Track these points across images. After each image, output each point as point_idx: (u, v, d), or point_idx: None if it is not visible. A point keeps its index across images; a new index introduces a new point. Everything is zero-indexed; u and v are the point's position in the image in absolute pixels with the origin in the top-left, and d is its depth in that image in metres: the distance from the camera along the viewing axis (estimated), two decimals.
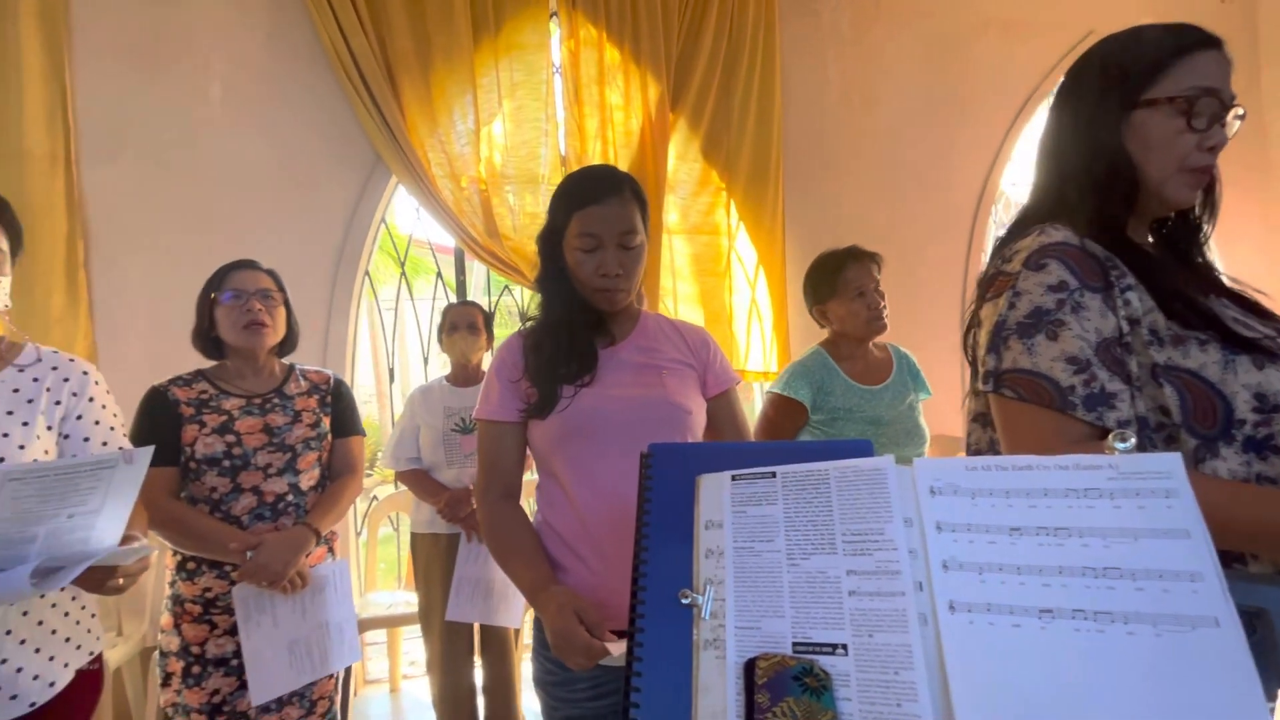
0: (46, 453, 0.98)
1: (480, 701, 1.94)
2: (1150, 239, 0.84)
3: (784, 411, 1.57)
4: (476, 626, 1.92)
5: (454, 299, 2.74)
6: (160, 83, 2.32)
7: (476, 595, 1.79)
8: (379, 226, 2.63)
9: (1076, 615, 0.50)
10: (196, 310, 1.42)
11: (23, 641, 0.91)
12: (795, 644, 0.56)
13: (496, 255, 2.59)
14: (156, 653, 1.37)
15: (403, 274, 2.83)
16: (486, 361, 2.18)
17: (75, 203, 2.20)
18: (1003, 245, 0.83)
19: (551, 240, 1.05)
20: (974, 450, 0.90)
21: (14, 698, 0.89)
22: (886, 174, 3.15)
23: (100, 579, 0.89)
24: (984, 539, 0.56)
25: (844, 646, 0.54)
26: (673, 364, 1.03)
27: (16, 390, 0.98)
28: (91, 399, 1.06)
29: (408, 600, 2.35)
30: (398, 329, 2.84)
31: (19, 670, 0.90)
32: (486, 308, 2.14)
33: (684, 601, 0.62)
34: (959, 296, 3.28)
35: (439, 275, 2.86)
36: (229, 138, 2.38)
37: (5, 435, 0.93)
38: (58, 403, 1.02)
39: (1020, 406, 0.71)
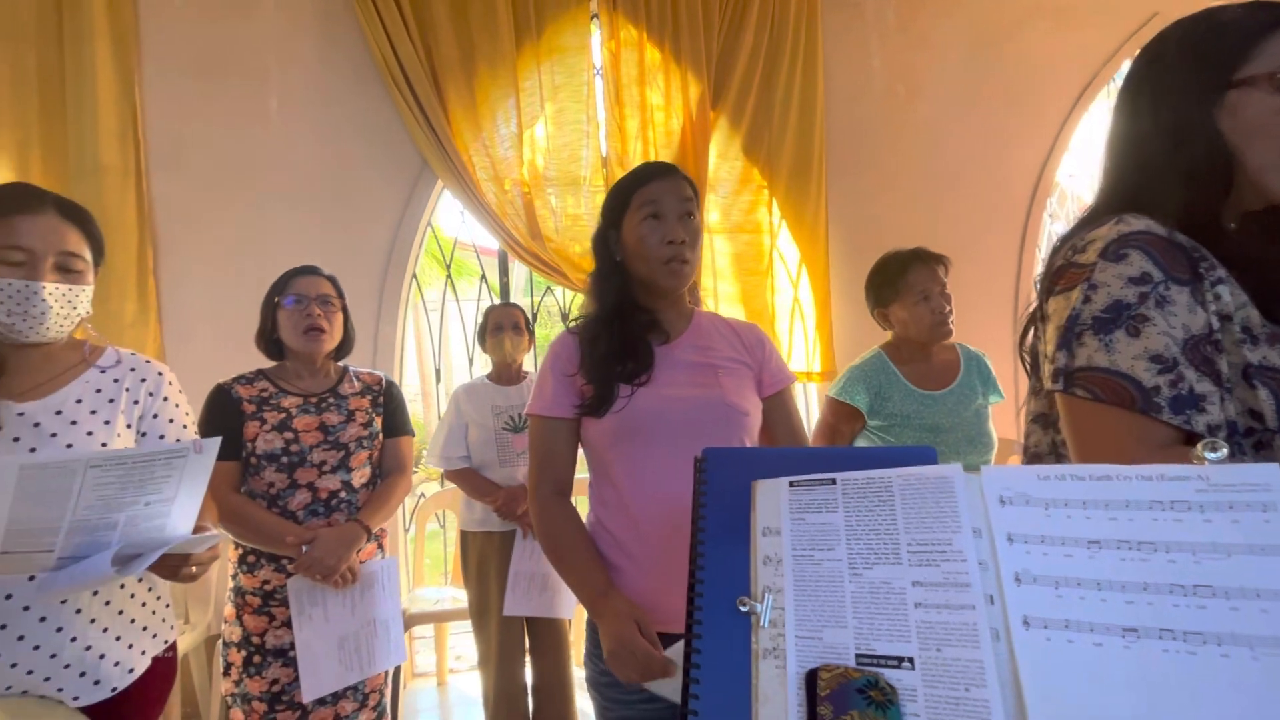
0: None
1: (529, 700, 1.97)
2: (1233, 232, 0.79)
3: (840, 416, 1.54)
4: (525, 626, 1.94)
5: (497, 300, 2.78)
6: (221, 97, 2.42)
7: (532, 589, 1.82)
8: (425, 230, 2.69)
9: (1164, 635, 0.48)
10: (261, 312, 1.48)
11: (105, 629, 0.96)
12: (859, 655, 0.55)
13: (539, 257, 2.62)
14: (220, 641, 1.44)
15: (449, 277, 2.89)
16: (528, 362, 2.20)
17: (145, 213, 2.32)
18: (1071, 236, 0.79)
19: (607, 236, 1.06)
20: (1033, 454, 0.86)
21: (97, 682, 0.95)
22: (933, 168, 3.06)
23: (175, 566, 0.94)
24: (1059, 552, 0.53)
25: (910, 660, 0.53)
26: (728, 363, 1.02)
27: (99, 390, 1.04)
28: (166, 398, 1.12)
29: (454, 596, 2.40)
30: (443, 329, 2.90)
31: (101, 656, 0.95)
32: (529, 308, 2.16)
33: (742, 609, 0.61)
34: (1011, 295, 3.17)
35: (483, 278, 2.91)
36: (284, 147, 2.47)
37: (89, 434, 0.98)
38: (136, 402, 1.07)
39: (1095, 408, 0.67)
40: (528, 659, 1.97)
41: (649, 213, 1.00)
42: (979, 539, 0.55)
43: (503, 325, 2.03)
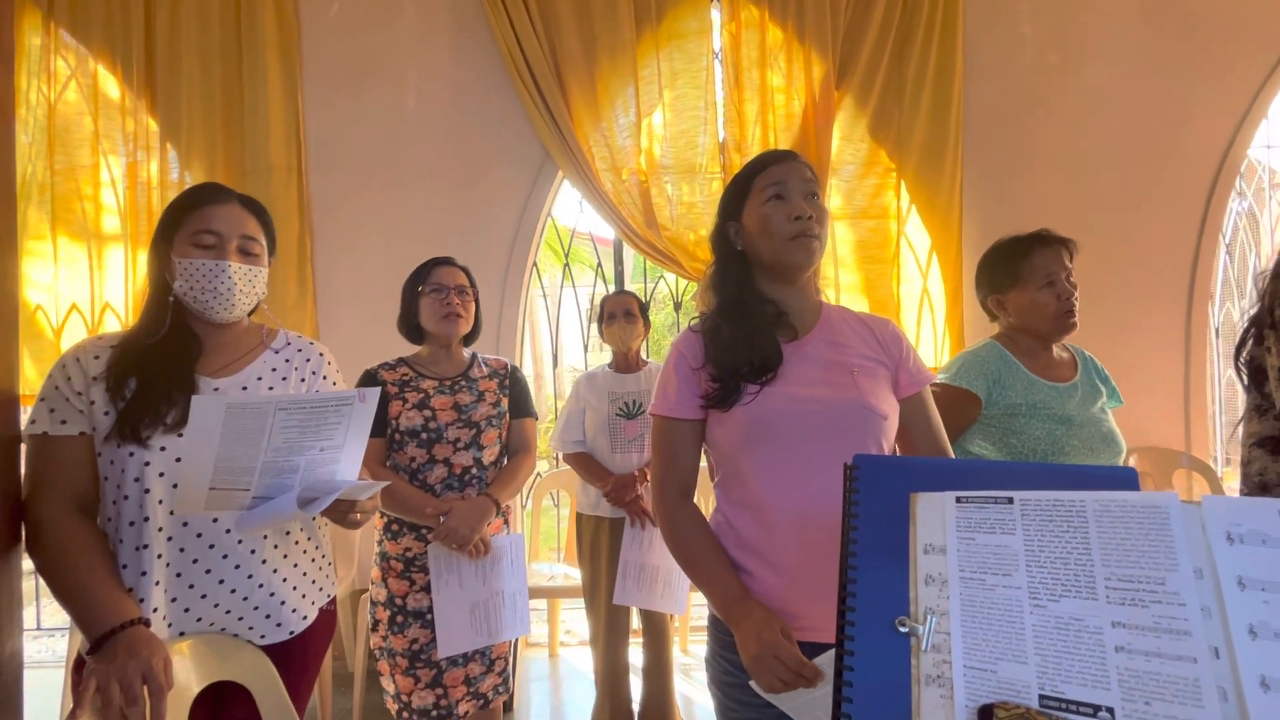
0: None
1: (635, 681, 2.01)
2: None
3: (949, 404, 1.36)
4: (635, 608, 1.99)
5: (610, 288, 2.84)
6: (367, 99, 2.63)
7: (642, 581, 1.86)
8: (546, 220, 2.78)
9: None
10: (402, 299, 1.60)
11: (284, 579, 1.09)
12: (1044, 697, 0.49)
13: (654, 245, 2.63)
14: (368, 601, 1.58)
15: (566, 265, 2.98)
16: (644, 350, 2.22)
17: (305, 207, 2.57)
18: None
19: (726, 229, 1.04)
20: (1256, 483, 0.74)
21: (279, 625, 1.08)
22: (1090, 145, 2.73)
23: (343, 511, 1.04)
24: None
25: (1110, 710, 0.47)
26: (864, 361, 0.97)
27: (274, 370, 1.16)
28: (325, 377, 1.23)
29: (566, 573, 2.50)
30: (558, 315, 2.99)
31: (282, 603, 1.08)
32: (642, 294, 2.17)
33: (901, 630, 0.57)
34: (1184, 289, 2.77)
35: (599, 266, 2.98)
36: (420, 144, 2.64)
37: None
38: (303, 380, 1.19)
39: None
40: (635, 640, 2.01)
41: (772, 194, 0.97)
42: (1201, 581, 0.48)
43: (615, 314, 2.05)
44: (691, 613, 2.78)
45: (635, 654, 2.03)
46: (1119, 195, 2.72)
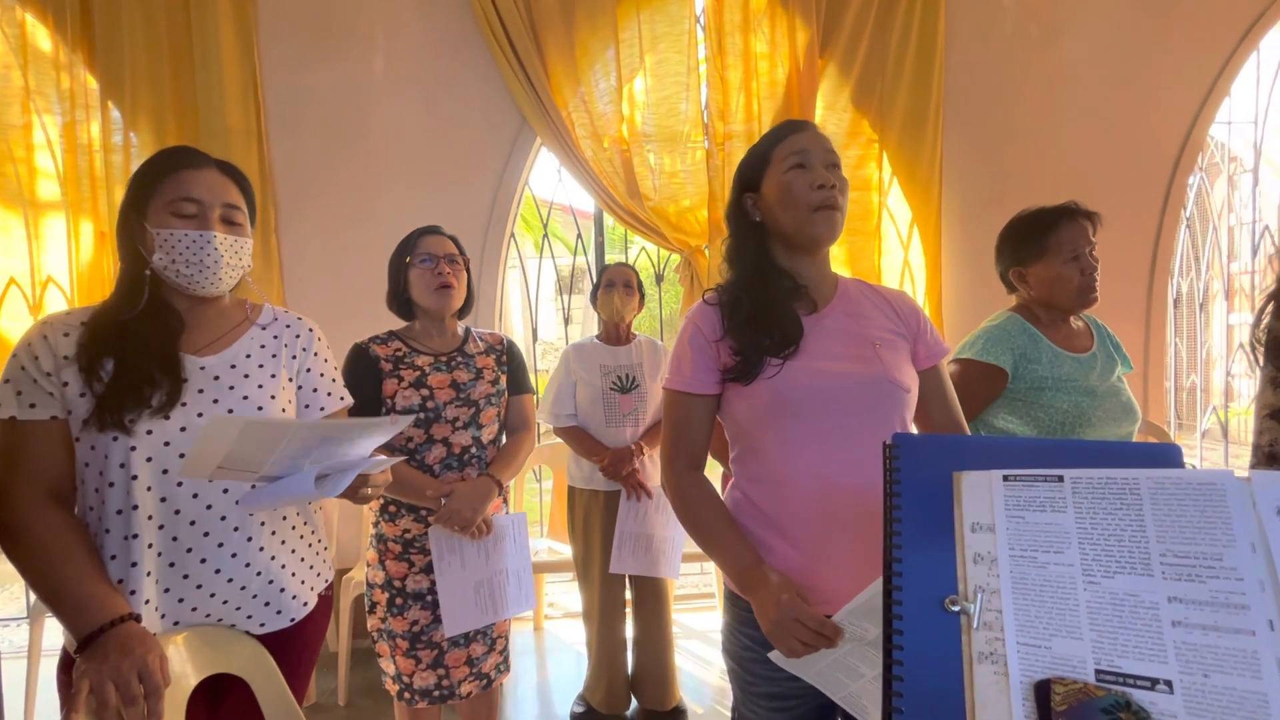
0: (290, 402, 1.10)
1: (629, 653, 2.03)
2: None
3: (976, 379, 1.38)
4: (627, 581, 2.00)
5: (589, 262, 2.78)
6: (331, 58, 2.47)
7: (638, 549, 1.86)
8: (523, 190, 2.69)
9: None
10: (389, 274, 1.52)
11: (283, 565, 1.05)
12: (1100, 672, 0.51)
13: (636, 216, 2.58)
14: (349, 581, 1.54)
15: (545, 237, 2.90)
16: (636, 325, 2.18)
17: (267, 173, 2.42)
18: None
19: (743, 201, 1.02)
20: (1266, 454, 0.77)
21: (279, 613, 1.05)
22: (1066, 118, 2.77)
23: (355, 487, 1.01)
24: None
25: (1168, 683, 0.48)
26: (885, 334, 0.96)
27: (263, 346, 1.10)
28: (316, 353, 1.17)
29: (550, 547, 2.50)
30: (539, 289, 2.93)
31: (282, 590, 1.05)
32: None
33: (952, 609, 0.58)
34: (1146, 262, 2.88)
35: (579, 238, 2.91)
36: (390, 107, 2.51)
37: (260, 386, 1.05)
38: (294, 357, 1.13)
39: None
40: (628, 612, 2.03)
41: (794, 164, 0.96)
42: (1255, 555, 0.49)
43: (614, 282, 2.02)
44: (676, 580, 2.82)
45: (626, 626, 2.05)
46: (1090, 169, 2.78)
